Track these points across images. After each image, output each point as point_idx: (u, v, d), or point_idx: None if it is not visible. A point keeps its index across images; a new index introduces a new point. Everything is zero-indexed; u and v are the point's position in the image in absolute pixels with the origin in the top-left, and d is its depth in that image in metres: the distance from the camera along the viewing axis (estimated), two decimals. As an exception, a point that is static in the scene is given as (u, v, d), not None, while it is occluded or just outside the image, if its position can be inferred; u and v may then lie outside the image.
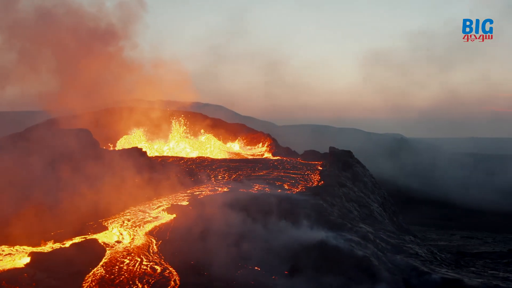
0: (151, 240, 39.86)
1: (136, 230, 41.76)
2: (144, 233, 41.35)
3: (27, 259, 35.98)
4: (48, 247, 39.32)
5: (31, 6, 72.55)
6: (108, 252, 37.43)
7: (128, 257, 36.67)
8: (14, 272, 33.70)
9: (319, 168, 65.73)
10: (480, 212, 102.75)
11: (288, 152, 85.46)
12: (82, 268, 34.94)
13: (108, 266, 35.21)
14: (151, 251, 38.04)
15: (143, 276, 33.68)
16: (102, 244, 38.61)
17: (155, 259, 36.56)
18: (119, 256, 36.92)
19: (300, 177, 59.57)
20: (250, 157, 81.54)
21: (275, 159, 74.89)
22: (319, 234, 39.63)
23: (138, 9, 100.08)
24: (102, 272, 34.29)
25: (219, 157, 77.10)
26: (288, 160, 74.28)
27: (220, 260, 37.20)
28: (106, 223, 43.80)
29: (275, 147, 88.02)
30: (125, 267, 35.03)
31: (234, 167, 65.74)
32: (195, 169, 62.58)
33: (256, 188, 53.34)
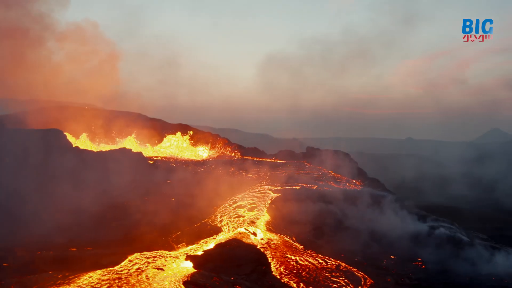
0: (282, 237, 40.62)
1: (255, 228, 41.99)
2: (265, 230, 41.73)
3: (189, 263, 34.62)
4: (187, 249, 37.89)
5: None
6: (262, 250, 37.44)
7: (286, 254, 37.17)
8: (200, 276, 32.43)
9: (317, 166, 69.33)
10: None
11: (256, 152, 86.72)
12: (256, 267, 34.44)
13: (283, 264, 35.34)
14: (296, 247, 38.88)
15: (331, 271, 34.75)
16: (245, 243, 38.33)
17: (312, 254, 37.53)
18: (276, 253, 37.06)
19: (322, 175, 62.97)
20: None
21: (266, 160, 76.18)
22: (423, 225, 44.79)
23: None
24: (285, 272, 34.43)
25: (204, 159, 76.10)
26: (276, 160, 76.15)
27: (366, 250, 40.14)
28: (214, 223, 43.03)
29: (238, 147, 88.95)
30: (298, 265, 35.36)
31: (242, 166, 65.89)
32: (214, 169, 62.29)
33: (303, 186, 55.85)
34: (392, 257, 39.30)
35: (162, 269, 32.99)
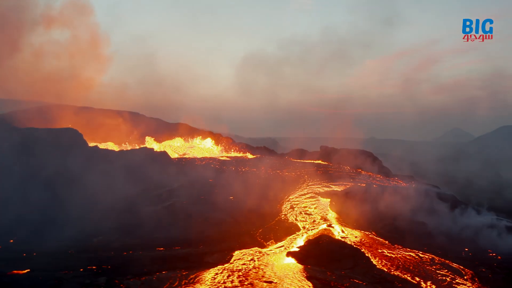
0: (363, 232, 40.95)
1: (332, 224, 42.20)
2: (342, 226, 42.08)
3: (291, 259, 34.41)
4: (277, 246, 37.59)
5: None
6: (355, 245, 37.63)
7: (378, 248, 37.40)
8: (314, 271, 32.29)
9: (343, 165, 69.41)
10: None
11: (266, 151, 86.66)
12: (356, 261, 34.30)
13: (382, 258, 35.46)
14: (382, 241, 39.13)
15: (430, 264, 35.15)
16: (335, 238, 38.52)
17: (402, 248, 37.84)
18: (369, 247, 37.34)
19: (356, 173, 63.74)
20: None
21: (291, 160, 75.59)
22: (486, 218, 46.44)
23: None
24: (390, 266, 34.55)
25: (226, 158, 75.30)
26: (292, 160, 75.87)
27: (441, 244, 41.02)
28: (290, 221, 42.96)
29: (246, 146, 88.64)
30: (397, 259, 35.70)
31: (271, 165, 65.60)
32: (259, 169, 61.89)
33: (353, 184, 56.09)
34: (466, 249, 40.27)
35: (272, 265, 32.45)
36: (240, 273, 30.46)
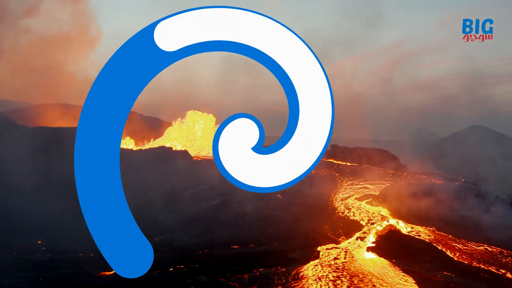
0: (426, 228, 41.49)
1: (394, 220, 42.72)
2: (403, 222, 42.64)
3: (371, 254, 34.63)
4: (348, 242, 37.67)
5: None
6: (426, 240, 38.20)
7: (449, 242, 38.18)
8: (402, 265, 32.66)
9: (365, 164, 69.85)
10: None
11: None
12: (432, 255, 35.00)
13: (458, 252, 36.19)
14: (447, 235, 40.03)
15: (503, 257, 36.13)
16: (404, 233, 39.02)
17: (469, 242, 38.82)
18: (440, 241, 38.06)
19: (382, 171, 64.36)
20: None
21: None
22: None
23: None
24: (470, 259, 35.31)
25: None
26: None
27: (493, 237, 42.01)
28: (351, 218, 43.18)
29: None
30: (472, 252, 36.65)
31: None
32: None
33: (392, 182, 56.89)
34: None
35: (360, 260, 32.64)
36: (336, 268, 30.41)
